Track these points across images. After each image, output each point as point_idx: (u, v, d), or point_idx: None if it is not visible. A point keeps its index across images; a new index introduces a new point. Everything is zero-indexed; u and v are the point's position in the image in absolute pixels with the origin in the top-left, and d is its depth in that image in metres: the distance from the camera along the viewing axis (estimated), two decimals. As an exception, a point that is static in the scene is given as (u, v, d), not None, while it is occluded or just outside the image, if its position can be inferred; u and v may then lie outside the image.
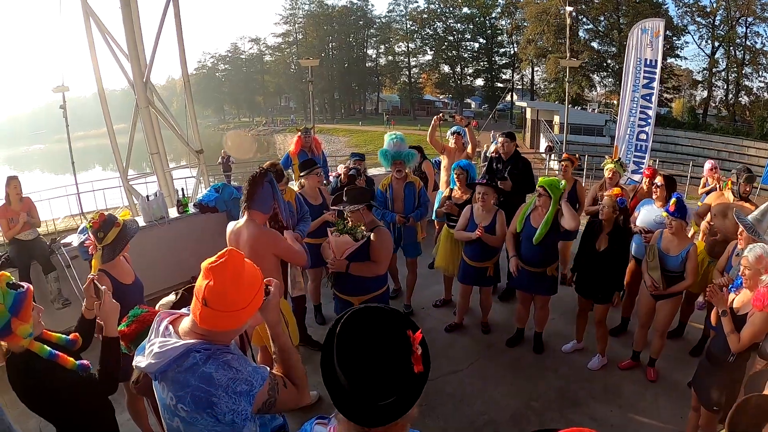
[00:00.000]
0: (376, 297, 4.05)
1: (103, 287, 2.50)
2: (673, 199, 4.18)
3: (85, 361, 2.49)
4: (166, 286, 3.00)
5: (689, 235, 4.77)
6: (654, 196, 5.10)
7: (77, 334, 2.67)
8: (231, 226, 3.56)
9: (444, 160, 6.63)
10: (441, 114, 6.68)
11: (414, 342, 1.29)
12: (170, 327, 1.74)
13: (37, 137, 78.24)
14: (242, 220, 3.49)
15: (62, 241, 5.68)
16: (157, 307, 2.62)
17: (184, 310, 1.84)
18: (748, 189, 5.03)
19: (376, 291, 4.07)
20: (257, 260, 3.26)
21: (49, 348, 2.39)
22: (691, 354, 4.91)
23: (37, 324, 2.38)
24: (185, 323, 1.74)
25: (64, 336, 2.58)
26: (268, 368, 1.82)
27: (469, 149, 6.37)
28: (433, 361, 4.09)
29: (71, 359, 2.42)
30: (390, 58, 64.44)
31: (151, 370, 1.66)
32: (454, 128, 6.62)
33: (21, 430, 3.68)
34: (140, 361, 1.70)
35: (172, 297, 2.58)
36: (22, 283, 2.38)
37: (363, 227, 3.84)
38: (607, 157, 6.92)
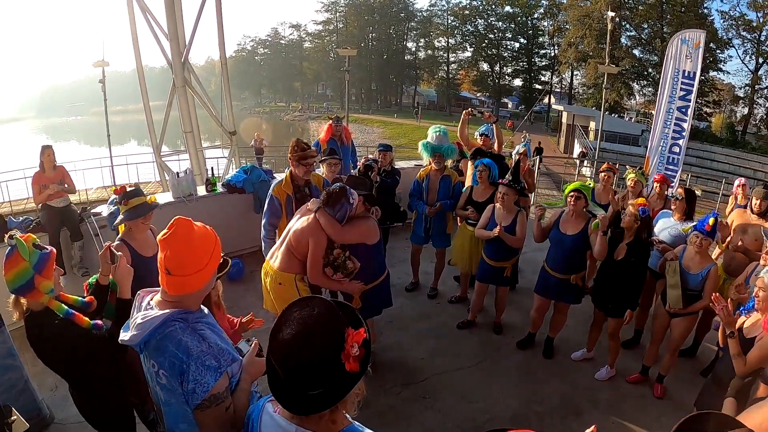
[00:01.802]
0: (375, 287, 4.18)
1: (119, 253, 2.65)
2: (711, 219, 4.03)
3: (98, 321, 2.64)
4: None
5: (713, 256, 4.69)
6: (672, 208, 5.00)
7: (92, 297, 2.82)
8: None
9: None
10: (471, 109, 6.66)
11: (349, 339, 1.34)
12: (150, 302, 1.84)
13: (75, 109, 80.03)
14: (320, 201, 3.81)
15: (92, 211, 5.89)
16: None
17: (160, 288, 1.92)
18: (762, 204, 4.80)
19: (375, 281, 4.20)
20: (303, 234, 3.70)
21: (66, 306, 2.55)
22: (702, 374, 4.83)
23: (56, 284, 2.55)
24: (158, 296, 1.85)
25: (80, 298, 2.75)
26: (241, 360, 1.90)
27: (495, 147, 6.37)
28: (441, 356, 4.21)
29: (86, 319, 2.58)
30: (429, 52, 64.09)
31: (135, 341, 1.75)
32: (482, 129, 6.62)
33: (38, 386, 3.88)
34: (125, 335, 1.78)
35: None
36: (47, 246, 2.56)
37: (346, 257, 3.94)
38: (628, 167, 6.81)
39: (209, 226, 1.88)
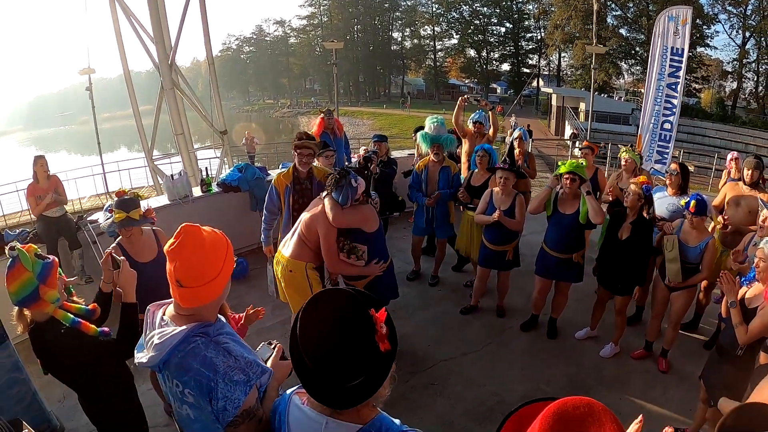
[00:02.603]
0: (384, 273, 4.23)
1: (122, 258, 2.66)
2: (692, 202, 4.09)
3: (105, 328, 2.63)
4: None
5: (709, 229, 4.72)
6: (668, 183, 5.04)
7: (95, 304, 2.81)
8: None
9: (465, 145, 6.67)
10: (466, 96, 6.68)
11: (377, 321, 1.31)
12: (164, 317, 1.72)
13: (64, 118, 79.43)
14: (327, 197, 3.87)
15: (89, 218, 5.87)
16: None
17: (171, 300, 1.80)
18: (753, 175, 4.80)
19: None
20: (312, 223, 3.75)
21: (72, 315, 2.52)
22: (704, 347, 4.89)
23: (61, 292, 2.53)
24: (171, 308, 1.72)
25: (83, 306, 2.71)
26: (272, 371, 1.79)
27: (490, 133, 6.39)
28: (447, 342, 4.23)
29: (93, 326, 2.56)
30: (415, 41, 64.02)
31: (154, 362, 1.63)
32: (475, 115, 6.63)
33: (46, 398, 3.87)
34: (142, 356, 1.67)
35: None
36: (49, 256, 2.54)
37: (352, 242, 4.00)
38: (620, 145, 6.83)
39: (218, 230, 1.74)
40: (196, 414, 1.66)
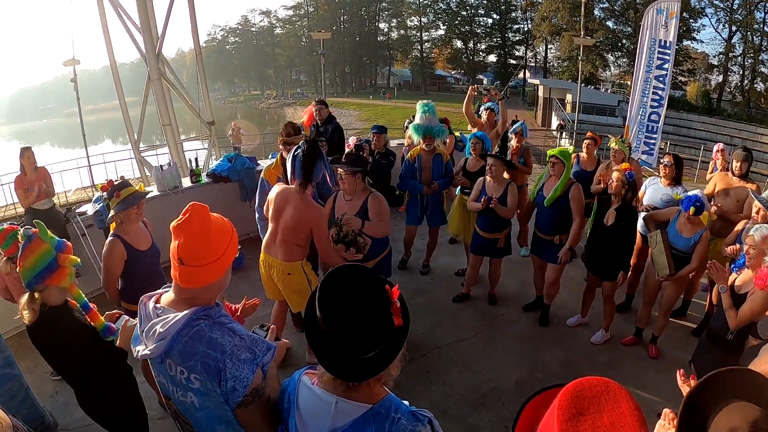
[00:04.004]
0: (383, 259, 4.38)
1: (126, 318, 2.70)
2: (692, 208, 4.10)
3: (112, 325, 2.61)
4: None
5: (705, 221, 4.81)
6: (662, 174, 5.11)
7: (95, 306, 2.78)
8: (278, 188, 3.81)
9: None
10: (476, 86, 6.72)
11: (393, 295, 1.35)
12: (158, 305, 1.69)
13: (47, 111, 78.28)
14: (293, 186, 3.70)
15: (77, 210, 5.80)
16: None
17: (160, 290, 1.80)
18: (742, 167, 4.89)
19: (381, 254, 4.35)
20: (299, 225, 3.58)
21: (85, 298, 2.53)
22: (693, 334, 4.98)
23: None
24: (169, 294, 1.71)
25: (86, 301, 2.69)
26: (276, 347, 1.78)
27: (499, 125, 6.42)
28: (440, 329, 4.26)
29: (101, 318, 2.56)
30: (402, 32, 63.82)
31: (158, 352, 1.60)
32: (488, 104, 6.65)
33: (38, 394, 3.84)
34: (143, 349, 1.64)
35: None
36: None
37: (356, 233, 4.00)
38: (610, 136, 6.90)
39: (223, 217, 1.73)
40: (201, 401, 1.64)
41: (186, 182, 6.68)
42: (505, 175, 5.11)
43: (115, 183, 3.43)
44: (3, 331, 3.49)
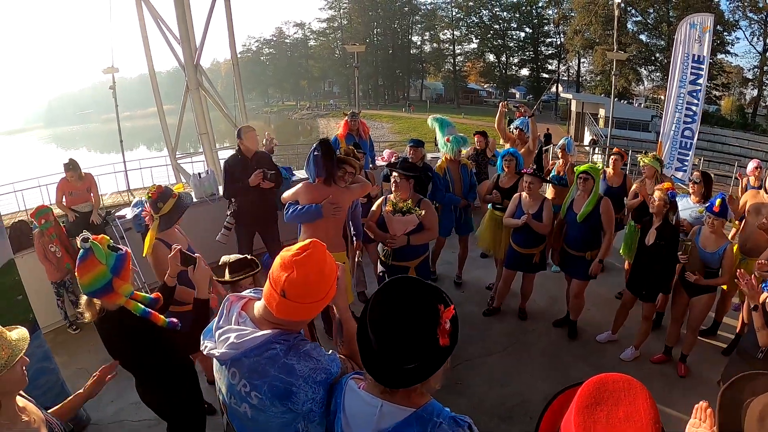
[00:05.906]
0: (425, 258, 4.60)
1: (197, 255, 2.71)
2: (718, 200, 4.12)
3: (174, 319, 2.69)
4: (215, 260, 3.21)
5: (729, 236, 4.74)
6: (691, 191, 5.08)
7: (159, 293, 2.87)
8: (308, 185, 4.09)
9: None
10: (507, 102, 6.89)
11: (443, 316, 1.38)
12: (243, 313, 1.70)
13: (84, 117, 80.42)
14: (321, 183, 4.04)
15: (117, 214, 6.01)
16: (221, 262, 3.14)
17: (251, 294, 1.81)
18: None
19: (424, 254, 4.58)
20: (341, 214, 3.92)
21: (142, 306, 2.56)
22: (723, 353, 4.92)
23: (132, 282, 2.58)
24: (258, 310, 1.69)
25: (148, 295, 2.76)
26: (339, 354, 1.80)
27: (530, 142, 6.46)
28: (470, 343, 4.30)
29: (162, 317, 2.62)
30: (435, 45, 63.85)
31: (225, 358, 1.63)
32: (517, 122, 6.72)
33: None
34: (212, 348, 1.65)
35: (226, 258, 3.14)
36: (121, 246, 2.56)
37: (411, 203, 4.18)
38: (639, 156, 6.84)
39: (334, 260, 1.71)
40: (254, 414, 1.66)
41: (222, 190, 6.79)
42: (550, 193, 5.15)
43: (162, 191, 3.53)
44: (42, 325, 3.61)
